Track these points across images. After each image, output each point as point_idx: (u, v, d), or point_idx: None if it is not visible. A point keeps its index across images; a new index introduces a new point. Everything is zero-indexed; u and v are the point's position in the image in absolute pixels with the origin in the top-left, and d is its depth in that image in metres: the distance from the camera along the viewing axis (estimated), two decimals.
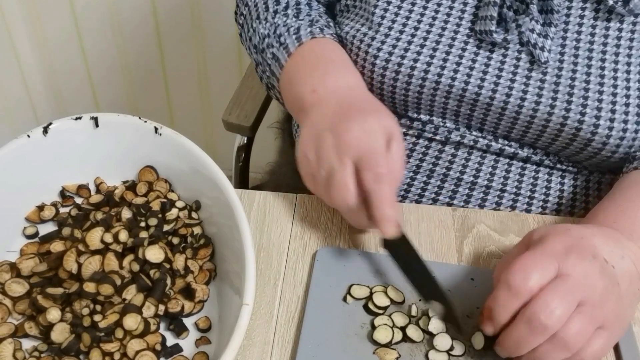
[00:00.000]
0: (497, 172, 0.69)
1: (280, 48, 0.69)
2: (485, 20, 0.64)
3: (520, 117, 0.65)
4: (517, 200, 0.70)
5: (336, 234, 0.64)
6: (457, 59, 0.66)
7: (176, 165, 0.63)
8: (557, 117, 0.64)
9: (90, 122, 0.63)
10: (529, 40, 0.64)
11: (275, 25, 0.71)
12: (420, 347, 0.54)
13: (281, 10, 0.73)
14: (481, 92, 0.65)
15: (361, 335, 0.55)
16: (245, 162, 1.04)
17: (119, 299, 0.54)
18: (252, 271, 0.52)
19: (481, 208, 0.70)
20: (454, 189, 0.70)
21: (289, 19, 0.71)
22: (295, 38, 0.68)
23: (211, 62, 1.58)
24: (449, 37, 0.66)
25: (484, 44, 0.66)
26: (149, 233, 0.58)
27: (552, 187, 0.70)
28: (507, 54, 0.65)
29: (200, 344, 0.55)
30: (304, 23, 0.70)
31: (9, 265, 0.58)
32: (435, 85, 0.66)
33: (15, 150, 0.60)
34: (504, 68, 0.65)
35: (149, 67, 1.62)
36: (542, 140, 0.67)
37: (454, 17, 0.67)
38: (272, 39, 0.70)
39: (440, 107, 0.68)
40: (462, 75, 0.65)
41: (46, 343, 0.53)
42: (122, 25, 1.54)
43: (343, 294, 0.58)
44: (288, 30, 0.69)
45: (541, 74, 0.64)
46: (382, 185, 0.56)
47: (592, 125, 0.63)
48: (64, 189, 0.64)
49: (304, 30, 0.69)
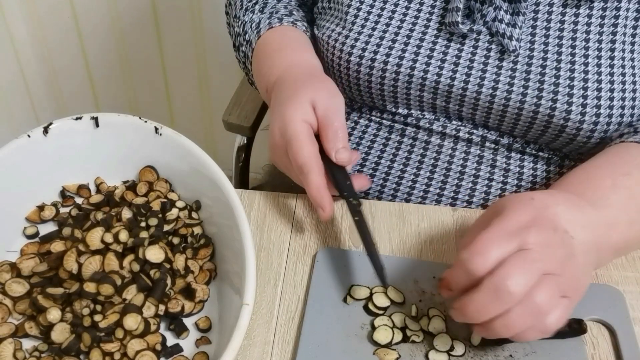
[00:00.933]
0: (483, 162, 0.70)
1: (248, 46, 0.74)
2: (452, 12, 0.65)
3: (494, 106, 0.66)
4: (504, 190, 0.70)
5: (336, 234, 0.64)
6: (429, 52, 0.67)
7: (176, 165, 0.63)
8: (530, 105, 0.64)
9: (91, 122, 0.63)
10: (497, 30, 0.65)
11: (244, 23, 0.75)
12: (420, 347, 0.54)
13: (250, 7, 0.77)
14: (454, 84, 0.67)
15: (361, 335, 0.55)
16: (245, 162, 1.04)
17: (119, 299, 0.54)
18: (253, 271, 0.52)
19: (471, 198, 0.70)
20: (443, 180, 0.71)
21: (255, 14, 0.75)
22: (256, 33, 0.72)
23: (211, 62, 1.58)
24: (420, 32, 0.68)
25: (454, 37, 0.67)
26: (149, 233, 0.58)
27: (538, 175, 0.70)
28: (478, 45, 0.66)
29: (201, 344, 0.55)
30: (265, 16, 0.73)
31: (9, 265, 0.58)
32: (409, 78, 0.68)
33: (15, 150, 0.60)
34: (474, 59, 0.66)
35: (149, 67, 1.62)
36: (518, 129, 0.68)
37: (425, 12, 0.68)
38: (242, 37, 0.75)
39: (416, 100, 0.69)
40: (434, 68, 0.67)
41: (46, 343, 0.54)
42: (122, 25, 1.54)
43: (343, 294, 0.58)
44: (251, 25, 0.74)
45: (512, 64, 0.65)
46: (307, 175, 0.59)
47: (565, 112, 0.64)
48: (64, 189, 0.64)
49: (263, 23, 0.73)
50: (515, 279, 0.47)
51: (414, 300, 0.58)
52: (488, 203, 0.70)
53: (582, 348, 0.55)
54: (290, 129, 0.60)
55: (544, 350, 0.55)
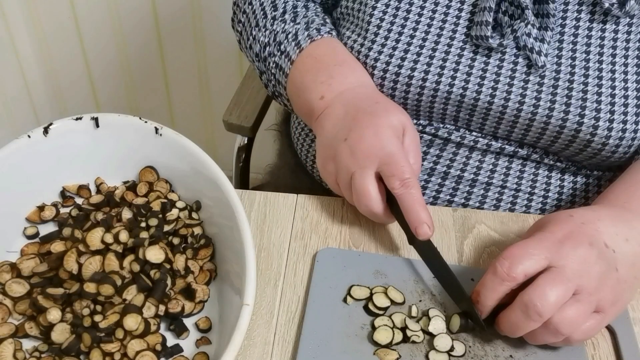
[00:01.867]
0: (497, 170, 0.70)
1: (282, 57, 0.70)
2: (480, 26, 0.64)
3: (520, 120, 0.65)
4: (517, 197, 0.70)
5: (336, 234, 0.64)
6: (455, 65, 0.66)
7: (177, 165, 0.63)
8: (556, 120, 0.64)
9: (91, 122, 0.63)
10: (525, 45, 0.64)
11: (275, 33, 0.71)
12: (420, 347, 0.54)
13: (279, 16, 0.73)
14: (479, 97, 0.65)
15: (361, 336, 0.55)
16: (245, 162, 1.04)
17: (120, 299, 0.54)
18: (253, 271, 0.52)
19: (481, 205, 0.70)
20: (454, 187, 0.70)
21: (287, 24, 0.71)
22: (295, 45, 0.69)
23: (212, 62, 1.58)
24: (446, 44, 0.66)
25: (480, 49, 0.66)
26: (150, 233, 0.58)
27: (552, 184, 0.70)
28: (505, 58, 0.65)
29: (201, 345, 0.55)
30: (301, 27, 0.70)
31: (9, 266, 0.58)
32: (434, 92, 0.66)
33: (15, 150, 0.60)
34: (501, 73, 0.65)
35: (149, 67, 1.62)
36: (542, 142, 0.67)
37: (450, 22, 0.67)
38: (272, 47, 0.71)
39: (439, 112, 0.68)
40: (459, 81, 0.66)
41: (47, 343, 0.53)
42: (122, 25, 1.54)
43: (343, 295, 0.58)
44: (287, 36, 0.70)
45: (539, 78, 0.64)
46: (410, 190, 0.58)
47: (592, 127, 0.63)
48: (64, 189, 0.64)
49: (301, 35, 0.69)
50: (546, 300, 0.49)
51: (414, 300, 0.58)
52: (498, 210, 0.70)
53: (582, 349, 0.55)
54: (392, 144, 0.59)
55: (545, 351, 0.55)
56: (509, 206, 0.70)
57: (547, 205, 0.71)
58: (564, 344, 0.53)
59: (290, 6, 0.74)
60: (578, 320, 0.50)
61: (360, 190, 0.60)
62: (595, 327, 0.52)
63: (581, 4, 0.65)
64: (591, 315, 0.51)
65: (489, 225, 0.66)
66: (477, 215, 0.67)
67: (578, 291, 0.50)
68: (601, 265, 0.51)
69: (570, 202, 0.71)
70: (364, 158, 0.60)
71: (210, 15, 1.49)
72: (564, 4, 0.65)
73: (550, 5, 0.63)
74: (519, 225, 0.66)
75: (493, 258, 0.62)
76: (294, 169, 0.88)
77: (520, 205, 0.70)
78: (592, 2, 0.64)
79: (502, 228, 0.66)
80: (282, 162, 0.95)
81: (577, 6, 0.65)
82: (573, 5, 0.65)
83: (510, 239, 0.64)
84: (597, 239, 0.53)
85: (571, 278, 0.50)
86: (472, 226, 0.66)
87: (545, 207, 0.71)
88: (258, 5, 0.75)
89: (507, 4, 0.64)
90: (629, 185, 0.61)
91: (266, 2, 0.74)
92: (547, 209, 0.71)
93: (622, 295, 0.53)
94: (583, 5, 0.65)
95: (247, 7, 0.76)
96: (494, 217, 0.67)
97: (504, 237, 0.65)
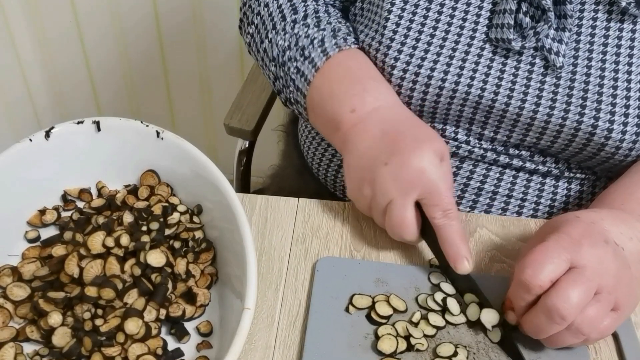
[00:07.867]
0: (504, 178, 0.69)
1: (305, 62, 0.67)
2: (502, 29, 0.63)
3: (535, 123, 0.64)
4: (523, 207, 0.70)
5: (337, 238, 0.64)
6: (474, 66, 0.65)
7: (178, 169, 0.63)
8: (572, 122, 0.63)
9: (92, 126, 0.63)
10: (543, 45, 0.63)
11: (297, 37, 0.68)
12: (424, 355, 0.54)
13: (300, 19, 0.69)
14: (497, 99, 0.64)
15: (365, 346, 0.55)
16: (246, 166, 1.04)
17: (121, 303, 0.54)
18: (254, 275, 0.52)
19: (487, 214, 0.70)
20: (459, 195, 0.70)
21: (310, 29, 0.68)
22: (321, 51, 0.66)
23: (213, 65, 1.58)
24: (465, 44, 0.65)
25: (499, 50, 0.65)
26: (151, 237, 0.58)
27: (559, 192, 0.70)
28: (522, 59, 0.64)
29: (202, 348, 0.55)
30: (327, 34, 0.67)
31: (10, 269, 0.58)
32: (452, 93, 0.65)
33: (17, 154, 0.60)
34: (518, 74, 0.64)
35: (150, 70, 1.62)
36: (556, 147, 0.66)
37: (469, 22, 0.65)
38: (294, 51, 0.68)
39: (455, 115, 0.67)
40: (478, 82, 0.64)
41: (47, 347, 0.53)
42: (123, 28, 1.55)
43: (345, 304, 0.57)
44: (312, 42, 0.67)
45: (555, 79, 0.63)
46: (452, 221, 0.58)
47: (606, 130, 0.62)
48: (65, 192, 0.64)
49: (328, 42, 0.66)
50: (569, 303, 0.49)
51: (416, 308, 0.58)
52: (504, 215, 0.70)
53: (585, 352, 0.55)
54: (435, 173, 0.58)
55: (548, 355, 0.54)
56: (514, 216, 0.70)
57: (539, 212, 0.70)
58: (581, 345, 0.54)
59: (311, 10, 0.71)
60: (597, 320, 0.51)
61: (398, 220, 0.59)
62: (612, 325, 0.52)
63: (598, 4, 0.64)
64: (608, 313, 0.52)
65: (490, 229, 0.66)
66: (479, 219, 0.67)
67: (598, 291, 0.51)
68: (617, 263, 0.52)
69: (563, 210, 0.71)
70: (406, 185, 0.58)
71: (211, 18, 1.49)
72: (580, 4, 0.64)
73: (568, 6, 0.62)
74: (520, 229, 0.66)
75: (494, 262, 0.62)
76: (300, 170, 0.87)
77: (526, 215, 0.70)
78: (608, 1, 0.63)
79: (503, 232, 0.65)
80: (286, 163, 0.94)
81: (593, 6, 0.64)
82: (590, 5, 0.64)
83: (511, 243, 0.64)
84: (608, 238, 0.53)
85: (592, 278, 0.50)
86: (473, 230, 0.65)
87: (537, 214, 0.70)
88: (275, 7, 0.72)
89: (528, 4, 0.63)
90: (625, 188, 0.61)
91: (285, 5, 0.71)
92: (539, 215, 0.70)
93: (635, 293, 0.54)
94: (600, 5, 0.64)
95: (263, 9, 0.73)
96: (495, 221, 0.67)
97: (505, 241, 0.65)
